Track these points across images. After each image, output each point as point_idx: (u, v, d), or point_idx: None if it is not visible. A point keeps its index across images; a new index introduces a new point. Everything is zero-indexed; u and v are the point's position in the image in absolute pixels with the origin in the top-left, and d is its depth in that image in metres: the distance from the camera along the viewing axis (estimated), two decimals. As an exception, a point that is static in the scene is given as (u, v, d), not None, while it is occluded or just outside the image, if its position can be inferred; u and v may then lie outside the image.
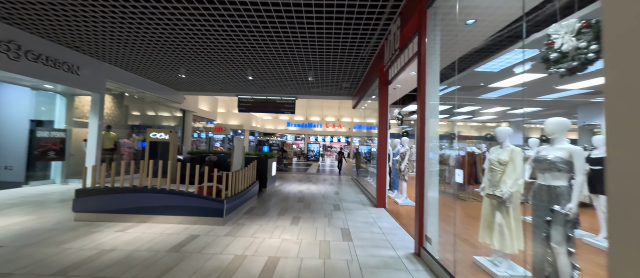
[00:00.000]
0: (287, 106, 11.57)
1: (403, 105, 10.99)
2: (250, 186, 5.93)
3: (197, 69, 8.07)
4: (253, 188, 6.12)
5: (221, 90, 10.95)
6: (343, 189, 8.70)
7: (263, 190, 7.47)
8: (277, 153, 13.44)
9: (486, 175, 3.40)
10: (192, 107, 13.88)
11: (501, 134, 3.24)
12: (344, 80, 9.06)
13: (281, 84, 9.55)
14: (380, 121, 6.31)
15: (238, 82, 9.50)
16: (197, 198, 4.37)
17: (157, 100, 10.97)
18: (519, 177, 3.00)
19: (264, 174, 7.43)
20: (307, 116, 28.04)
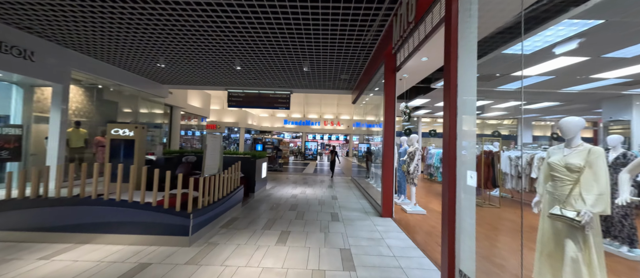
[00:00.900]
0: (281, 101, 10.55)
1: (408, 99, 9.99)
2: (232, 192, 4.92)
3: (178, 59, 7.04)
4: (236, 194, 5.11)
5: (209, 83, 9.91)
6: (342, 192, 7.71)
7: (250, 195, 6.46)
8: (271, 152, 12.44)
9: (543, 186, 2.42)
10: (181, 103, 12.82)
11: (571, 127, 2.24)
12: (343, 71, 8.05)
13: (274, 76, 8.53)
14: (387, 115, 5.31)
15: (226, 74, 8.47)
16: (156, 211, 3.36)
17: (137, 94, 9.90)
18: (604, 191, 2.01)
19: (252, 176, 6.42)
20: (304, 114, 27.04)
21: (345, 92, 10.51)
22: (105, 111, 8.90)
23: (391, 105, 5.32)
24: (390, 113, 5.31)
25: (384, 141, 5.29)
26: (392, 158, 5.26)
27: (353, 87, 9.85)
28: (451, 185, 2.59)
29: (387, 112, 5.32)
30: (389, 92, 5.33)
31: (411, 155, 5.84)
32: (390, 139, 5.28)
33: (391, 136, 5.28)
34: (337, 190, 7.99)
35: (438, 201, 6.75)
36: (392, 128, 5.29)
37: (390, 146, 5.27)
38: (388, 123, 5.30)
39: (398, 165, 6.51)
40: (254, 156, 6.54)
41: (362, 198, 7.08)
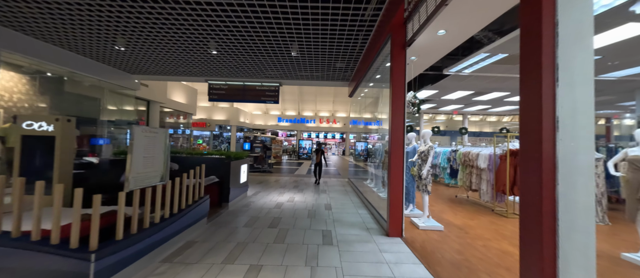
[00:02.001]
0: (270, 95, 9.22)
1: (411, 92, 8.74)
2: (190, 207, 3.63)
3: (141, 41, 5.69)
4: (197, 208, 3.81)
5: (185, 74, 8.54)
6: (337, 199, 6.44)
7: (224, 205, 5.15)
8: (260, 152, 11.13)
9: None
10: (159, 97, 11.42)
11: None
12: (338, 58, 6.77)
13: (259, 64, 7.20)
14: (394, 105, 4.04)
15: (204, 62, 7.13)
16: (35, 250, 2.06)
17: (97, 83, 8.48)
18: None
19: (226, 182, 5.11)
20: (299, 111, 25.73)
21: (341, 84, 9.23)
22: (62, 104, 7.51)
23: (400, 91, 4.06)
24: (398, 101, 4.04)
25: (391, 138, 4.03)
26: (401, 159, 4.00)
27: (350, 77, 8.58)
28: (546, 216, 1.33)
29: (395, 100, 4.05)
30: (397, 75, 4.06)
31: (423, 155, 4.59)
32: (399, 135, 4.02)
33: (400, 131, 4.02)
34: (331, 196, 6.72)
35: (452, 211, 5.52)
36: (402, 121, 4.02)
37: (399, 144, 4.01)
38: (396, 115, 4.03)
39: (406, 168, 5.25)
40: (229, 158, 5.23)
41: (361, 206, 5.82)
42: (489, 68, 5.53)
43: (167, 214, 3.11)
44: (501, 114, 12.58)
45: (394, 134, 4.00)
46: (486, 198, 5.91)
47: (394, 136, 4.00)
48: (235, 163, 5.38)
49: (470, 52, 5.65)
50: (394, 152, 3.98)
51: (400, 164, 3.98)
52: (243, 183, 5.92)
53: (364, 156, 17.04)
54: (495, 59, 5.07)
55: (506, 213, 5.23)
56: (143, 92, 10.55)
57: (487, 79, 6.28)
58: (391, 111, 4.03)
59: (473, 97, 8.49)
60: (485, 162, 5.88)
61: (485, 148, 6.28)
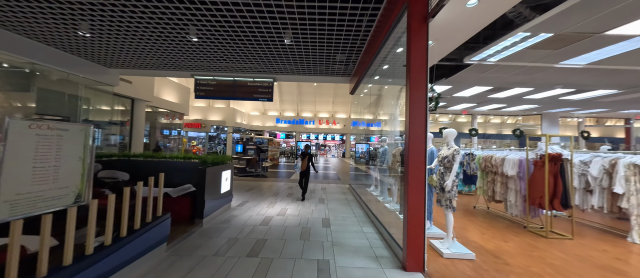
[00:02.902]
0: (263, 92, 8.23)
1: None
2: (138, 232, 2.61)
3: (108, 26, 4.70)
4: (151, 233, 2.80)
5: (168, 67, 7.55)
6: (337, 211, 5.42)
7: (197, 223, 4.12)
8: (253, 154, 10.12)
9: None
10: (145, 94, 10.43)
11: None
12: (338, 47, 5.78)
13: (249, 56, 6.21)
14: (413, 96, 3.02)
15: (187, 54, 6.13)
16: None
17: (66, 78, 7.50)
18: None
19: (199, 194, 4.08)
20: (298, 112, 24.76)
21: (342, 80, 8.23)
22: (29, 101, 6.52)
23: (420, 78, 3.05)
24: (418, 91, 3.03)
25: (408, 139, 3.01)
26: (422, 167, 2.98)
27: (351, 72, 7.58)
28: None
29: (414, 90, 3.04)
30: (416, 57, 3.06)
31: (447, 161, 3.57)
32: (419, 136, 3.00)
33: (420, 131, 3.00)
34: (330, 207, 5.69)
35: (476, 227, 4.49)
36: (422, 117, 3.01)
37: (420, 147, 2.99)
38: (416, 109, 3.02)
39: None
40: (204, 163, 4.21)
41: (366, 221, 4.79)
42: (522, 55, 4.54)
43: (90, 249, 2.10)
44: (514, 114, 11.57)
45: (413, 134, 2.99)
46: (514, 212, 4.89)
47: (412, 136, 2.99)
48: (214, 170, 4.36)
49: (493, 40, 4.67)
50: (414, 158, 2.97)
51: (420, 173, 2.96)
52: (225, 193, 4.90)
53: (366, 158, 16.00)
54: (536, 41, 4.07)
55: (545, 233, 4.21)
56: (127, 90, 9.57)
57: (514, 70, 5.28)
58: (409, 104, 3.02)
59: (490, 94, 7.50)
60: (514, 169, 4.87)
61: (512, 151, 5.26)
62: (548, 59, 4.72)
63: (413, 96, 3.01)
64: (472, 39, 4.90)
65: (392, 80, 7.24)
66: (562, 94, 7.23)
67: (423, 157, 2.97)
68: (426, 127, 2.99)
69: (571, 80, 6.02)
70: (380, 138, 9.62)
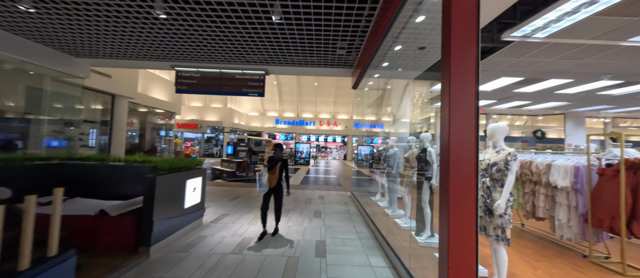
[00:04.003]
0: (253, 86, 7.12)
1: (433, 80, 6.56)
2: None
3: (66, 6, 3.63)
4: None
5: (143, 56, 6.45)
6: (336, 229, 4.24)
7: (141, 253, 2.96)
8: (244, 157, 8.99)
9: None
10: (127, 90, 9.36)
11: None
12: (338, 32, 4.67)
13: (235, 42, 5.09)
14: (456, 73, 1.85)
15: (163, 39, 5.03)
16: None
17: (21, 67, 6.45)
18: None
19: (147, 212, 2.93)
20: (298, 113, 23.66)
21: (343, 72, 7.08)
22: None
23: (467, 44, 1.87)
24: (464, 67, 1.85)
25: (449, 142, 1.82)
26: (472, 184, 1.80)
27: (354, 62, 6.45)
28: None
29: (458, 67, 1.85)
30: (460, 12, 1.89)
31: (496, 170, 2.40)
32: (467, 136, 1.82)
33: (469, 128, 1.82)
34: (328, 223, 4.52)
35: (522, 257, 3.30)
36: (473, 107, 1.82)
37: (468, 154, 1.81)
38: (460, 95, 1.84)
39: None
40: (155, 169, 3.06)
41: (374, 247, 3.61)
42: (582, 27, 3.36)
43: None
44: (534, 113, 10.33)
45: (456, 135, 1.82)
46: (567, 234, 3.69)
47: (456, 139, 1.81)
48: (170, 179, 3.22)
49: (534, 13, 3.53)
50: (458, 172, 1.79)
51: (469, 196, 1.79)
52: (192, 208, 3.75)
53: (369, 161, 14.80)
54: (611, 2, 2.90)
55: (621, 269, 3.01)
56: (106, 85, 8.52)
57: (563, 52, 4.07)
58: (448, 89, 1.85)
59: (517, 88, 6.30)
60: (567, 178, 3.67)
61: (562, 156, 4.06)
62: (615, 35, 3.54)
63: (456, 78, 1.84)
64: (509, 12, 3.76)
65: (404, 69, 6.10)
66: (603, 87, 6.02)
67: (474, 170, 1.79)
68: (477, 124, 1.83)
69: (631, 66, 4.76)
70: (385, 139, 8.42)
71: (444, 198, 1.84)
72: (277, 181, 3.74)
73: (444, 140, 1.86)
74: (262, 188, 3.61)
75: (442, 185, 1.88)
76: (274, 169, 3.72)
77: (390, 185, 5.65)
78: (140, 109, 11.78)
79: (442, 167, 1.89)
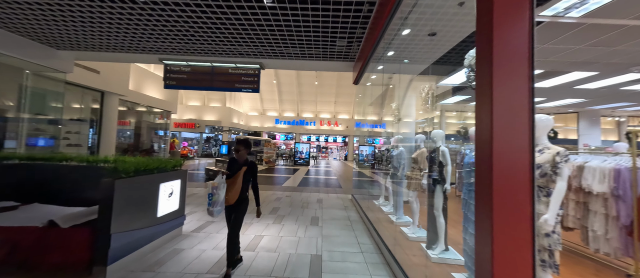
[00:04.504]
0: (247, 80, 6.60)
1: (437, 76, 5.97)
2: None
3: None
4: None
5: (129, 48, 5.93)
6: (335, 240, 3.70)
7: (96, 274, 2.43)
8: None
9: None
10: (117, 87, 8.87)
11: None
12: (338, 26, 4.16)
13: (225, 32, 4.57)
14: (500, 54, 1.32)
15: (148, 29, 4.51)
16: None
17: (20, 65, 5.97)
18: None
19: (103, 224, 2.39)
20: (298, 112, 23.15)
21: (343, 67, 6.54)
22: None
23: (516, 11, 1.33)
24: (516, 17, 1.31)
25: (492, 141, 1.28)
26: (528, 185, 1.25)
27: (355, 54, 5.91)
28: None
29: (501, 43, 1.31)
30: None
31: (541, 175, 1.85)
32: (521, 118, 1.28)
33: (523, 105, 1.28)
34: (326, 232, 3.98)
35: None
36: (526, 95, 1.28)
37: (523, 144, 1.26)
38: (509, 54, 1.29)
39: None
40: (115, 171, 2.53)
41: (379, 264, 3.06)
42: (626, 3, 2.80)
43: None
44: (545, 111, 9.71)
45: (502, 118, 1.27)
46: (605, 249, 3.13)
47: (501, 122, 1.27)
48: (138, 183, 2.69)
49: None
50: (503, 170, 1.25)
51: (524, 194, 1.24)
52: (167, 216, 3.22)
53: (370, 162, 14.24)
54: None
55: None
56: (94, 81, 8.04)
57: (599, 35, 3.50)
58: (492, 52, 1.30)
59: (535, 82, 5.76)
60: (605, 183, 3.12)
61: (596, 156, 3.49)
62: None
63: (501, 52, 1.30)
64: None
65: (411, 60, 5.55)
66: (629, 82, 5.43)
67: (528, 179, 1.25)
68: (532, 116, 1.28)
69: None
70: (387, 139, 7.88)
71: (483, 217, 1.29)
72: (239, 194, 2.55)
73: (483, 139, 1.32)
74: (216, 209, 2.41)
75: (480, 198, 1.33)
76: (235, 177, 2.54)
77: (395, 188, 5.10)
78: (137, 108, 11.32)
79: (479, 176, 1.35)
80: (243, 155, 2.63)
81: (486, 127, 1.30)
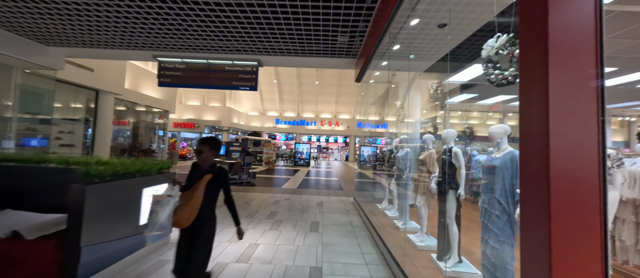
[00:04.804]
0: (245, 78, 6.30)
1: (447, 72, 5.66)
2: None
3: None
4: None
5: (121, 45, 5.65)
6: (336, 250, 3.39)
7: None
8: (237, 158, 8.18)
9: None
10: (113, 86, 8.60)
11: None
12: (339, 23, 3.86)
13: (221, 26, 4.28)
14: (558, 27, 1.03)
15: (142, 24, 4.22)
16: None
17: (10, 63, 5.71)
18: None
19: (72, 235, 2.09)
20: (299, 112, 22.87)
21: (345, 64, 6.23)
22: None
23: None
24: None
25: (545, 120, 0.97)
26: (598, 202, 0.95)
27: (357, 52, 5.60)
28: None
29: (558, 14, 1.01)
30: None
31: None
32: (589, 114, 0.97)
33: (590, 98, 0.97)
34: (326, 240, 3.67)
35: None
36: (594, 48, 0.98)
37: (591, 147, 0.96)
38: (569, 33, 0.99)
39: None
40: (88, 175, 2.22)
41: (386, 277, 2.75)
42: None
43: None
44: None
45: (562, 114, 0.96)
46: (636, 261, 2.81)
47: (560, 118, 0.96)
48: (115, 188, 2.40)
49: None
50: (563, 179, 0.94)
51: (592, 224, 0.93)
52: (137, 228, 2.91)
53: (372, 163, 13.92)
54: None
55: None
56: (88, 79, 7.77)
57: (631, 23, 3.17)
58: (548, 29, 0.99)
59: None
60: (636, 188, 2.80)
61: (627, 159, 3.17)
62: None
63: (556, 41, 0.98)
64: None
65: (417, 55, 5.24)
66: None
67: (597, 194, 0.94)
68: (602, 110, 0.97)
69: None
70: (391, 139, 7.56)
71: (535, 238, 0.98)
72: (197, 213, 1.79)
73: (535, 142, 1.01)
74: (153, 234, 1.68)
75: (531, 214, 1.02)
76: (194, 189, 1.81)
77: (400, 191, 4.79)
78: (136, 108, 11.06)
79: (525, 186, 1.04)
80: (208, 159, 1.91)
81: (539, 127, 0.99)
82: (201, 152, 1.91)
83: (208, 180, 1.85)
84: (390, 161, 5.85)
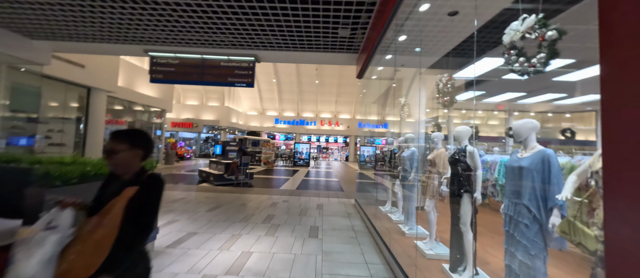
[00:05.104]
0: (241, 74, 5.99)
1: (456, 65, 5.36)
2: None
3: None
4: None
5: (111, 38, 5.33)
6: (337, 258, 3.08)
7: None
8: (234, 157, 7.87)
9: None
10: (105, 83, 8.28)
11: None
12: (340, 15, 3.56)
13: (215, 17, 3.96)
14: None
15: (132, 16, 3.91)
16: None
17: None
18: None
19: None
20: (299, 112, 22.56)
21: (346, 59, 5.92)
22: None
23: None
24: None
25: None
26: None
27: (358, 47, 5.29)
28: None
29: None
30: None
31: None
32: None
33: None
34: (326, 248, 3.35)
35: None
36: None
37: None
38: None
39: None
40: (47, 176, 1.92)
41: (392, 291, 2.43)
42: None
43: None
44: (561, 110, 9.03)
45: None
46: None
47: None
48: (82, 191, 2.08)
49: None
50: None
51: None
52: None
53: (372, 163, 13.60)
54: None
55: None
56: (79, 76, 7.45)
57: None
58: None
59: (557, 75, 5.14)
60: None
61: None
62: None
63: None
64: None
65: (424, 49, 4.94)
66: None
67: None
68: None
69: None
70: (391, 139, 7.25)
71: None
72: (108, 256, 1.00)
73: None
74: None
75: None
76: (105, 212, 1.05)
77: (405, 194, 4.48)
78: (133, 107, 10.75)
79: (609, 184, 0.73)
80: (127, 164, 1.13)
81: None
82: (113, 152, 1.10)
83: (129, 197, 1.05)
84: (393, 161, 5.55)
